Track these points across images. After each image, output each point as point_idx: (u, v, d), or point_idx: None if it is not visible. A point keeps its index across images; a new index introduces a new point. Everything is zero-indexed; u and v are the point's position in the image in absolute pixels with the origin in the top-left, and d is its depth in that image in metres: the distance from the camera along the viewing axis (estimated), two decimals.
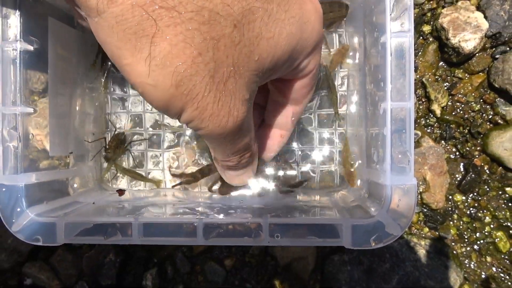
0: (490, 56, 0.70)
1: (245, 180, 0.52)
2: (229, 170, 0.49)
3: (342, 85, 0.65)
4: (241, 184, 0.54)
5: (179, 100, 0.32)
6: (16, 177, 0.48)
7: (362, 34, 0.60)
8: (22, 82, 0.48)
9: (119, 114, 0.67)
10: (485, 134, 0.70)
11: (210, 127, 0.35)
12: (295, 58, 0.39)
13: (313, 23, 0.39)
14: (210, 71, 0.31)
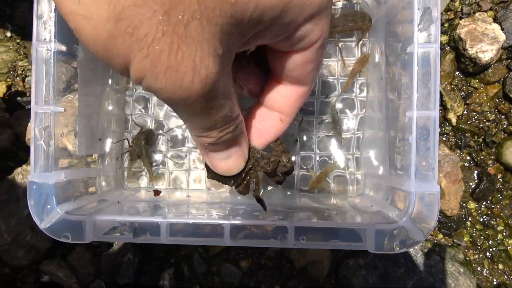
0: (505, 67, 0.71)
1: (233, 167, 0.41)
2: (211, 152, 0.39)
3: (361, 92, 0.67)
4: (229, 172, 0.42)
5: (121, 43, 0.25)
6: (47, 175, 0.48)
7: (384, 44, 0.61)
8: (55, 82, 0.49)
9: (143, 115, 0.68)
10: (499, 144, 0.71)
11: (168, 88, 0.27)
12: (292, 18, 0.31)
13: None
14: (164, 4, 0.24)
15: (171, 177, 0.67)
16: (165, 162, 0.67)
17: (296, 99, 0.41)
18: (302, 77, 0.39)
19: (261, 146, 0.44)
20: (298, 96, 0.41)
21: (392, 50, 0.58)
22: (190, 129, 0.37)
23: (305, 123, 0.67)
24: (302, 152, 0.67)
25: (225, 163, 0.41)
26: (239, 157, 0.41)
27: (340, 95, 0.66)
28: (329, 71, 0.68)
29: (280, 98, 0.42)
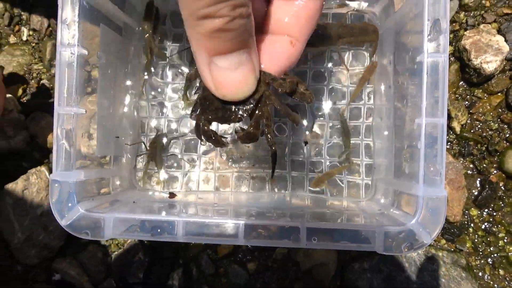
0: (509, 78, 0.73)
1: (243, 83, 0.35)
2: (216, 57, 0.32)
3: (369, 99, 0.69)
4: (238, 91, 0.35)
5: None
6: (69, 174, 0.50)
7: (392, 53, 0.63)
8: (77, 84, 0.51)
9: (158, 118, 0.70)
10: (501, 152, 0.73)
11: None
12: None
13: None
14: None
15: (184, 179, 0.69)
16: (179, 165, 0.69)
17: (307, 18, 0.37)
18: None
19: (273, 73, 0.39)
20: (309, 15, 0.37)
21: (400, 59, 0.61)
22: (194, 11, 0.30)
23: (316, 127, 0.69)
24: (311, 157, 0.68)
25: (233, 76, 0.34)
26: (250, 69, 0.34)
27: (349, 103, 0.68)
28: (338, 79, 0.70)
29: (288, 18, 0.37)
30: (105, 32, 0.58)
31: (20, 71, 0.79)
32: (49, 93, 0.78)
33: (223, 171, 0.68)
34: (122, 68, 0.66)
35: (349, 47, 0.69)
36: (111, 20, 0.61)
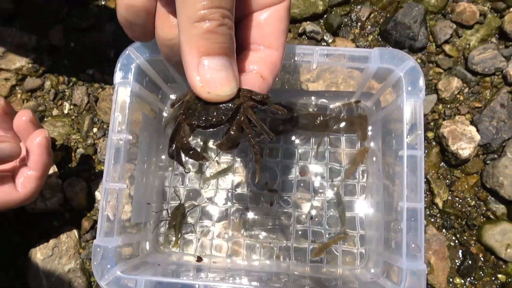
0: (482, 162, 0.85)
1: (227, 80, 0.39)
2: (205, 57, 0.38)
3: (362, 178, 0.80)
4: (223, 87, 0.39)
5: None
6: (110, 240, 0.60)
7: (381, 140, 0.75)
8: (122, 164, 0.62)
9: (179, 188, 0.81)
10: (479, 226, 0.83)
11: None
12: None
13: None
14: None
15: (198, 244, 0.78)
16: (195, 231, 0.79)
17: (271, 63, 0.45)
18: (274, 38, 0.44)
19: (262, 91, 0.45)
20: (271, 62, 0.45)
21: (386, 146, 0.73)
22: (193, 14, 0.36)
23: (316, 201, 0.79)
24: (312, 226, 0.78)
25: (219, 75, 0.39)
26: (233, 73, 0.40)
27: (344, 180, 0.80)
28: (336, 159, 0.82)
29: (255, 64, 0.45)
30: (145, 119, 0.71)
31: (60, 140, 0.91)
32: (84, 161, 0.90)
33: (235, 239, 0.78)
34: (155, 145, 0.78)
35: (342, 133, 0.82)
36: (150, 107, 0.74)
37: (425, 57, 0.92)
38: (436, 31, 0.91)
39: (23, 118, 0.67)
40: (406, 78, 0.62)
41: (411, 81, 0.62)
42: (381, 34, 0.93)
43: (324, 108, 0.84)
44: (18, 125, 0.67)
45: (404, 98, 0.61)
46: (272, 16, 0.43)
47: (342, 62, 0.64)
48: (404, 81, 0.62)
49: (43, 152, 0.65)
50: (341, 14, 0.95)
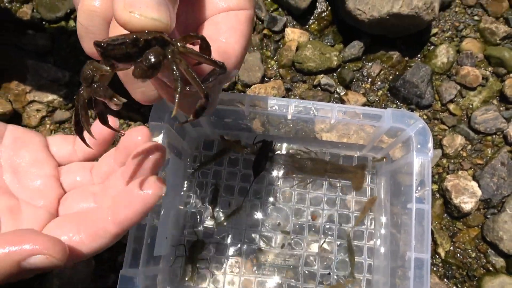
0: (483, 216, 0.90)
1: (155, 9, 0.33)
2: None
3: (371, 225, 0.85)
4: (149, 14, 0.32)
5: None
6: (135, 271, 0.64)
7: (390, 190, 0.81)
8: None
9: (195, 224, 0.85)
10: (479, 278, 0.87)
11: None
12: None
13: None
14: None
15: (211, 278, 0.82)
16: (209, 265, 0.83)
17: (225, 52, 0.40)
18: (230, 33, 0.40)
19: (230, 69, 0.40)
20: (226, 52, 0.40)
21: (395, 197, 0.78)
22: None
23: (326, 244, 0.84)
24: (321, 269, 0.82)
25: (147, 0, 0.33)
26: (165, 5, 0.34)
27: (354, 227, 0.84)
28: (345, 205, 0.87)
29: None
30: (173, 159, 0.76)
31: None
32: None
33: (247, 276, 0.82)
34: (179, 183, 0.83)
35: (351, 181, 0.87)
36: (177, 148, 0.80)
37: (431, 114, 0.99)
38: (441, 91, 0.99)
39: (139, 138, 0.46)
40: (416, 137, 0.68)
41: (421, 140, 0.68)
42: (390, 90, 1.01)
43: (337, 156, 0.90)
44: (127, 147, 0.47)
45: (414, 156, 0.67)
46: (230, 16, 0.40)
47: (358, 120, 0.70)
48: (414, 140, 0.68)
49: (143, 212, 0.43)
50: (353, 69, 1.03)
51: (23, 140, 0.51)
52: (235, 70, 0.42)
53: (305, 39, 1.05)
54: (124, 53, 0.33)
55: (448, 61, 1.00)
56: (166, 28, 0.33)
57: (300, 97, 1.01)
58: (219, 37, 0.40)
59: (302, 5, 1.03)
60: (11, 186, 0.49)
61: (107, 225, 0.42)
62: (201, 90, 0.35)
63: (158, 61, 0.32)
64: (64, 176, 0.53)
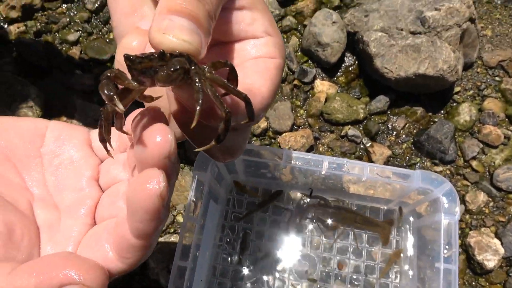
0: (505, 273, 0.92)
1: (187, 33, 0.34)
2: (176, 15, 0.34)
3: (396, 278, 0.87)
4: (181, 36, 0.34)
5: None
6: None
7: (416, 244, 0.84)
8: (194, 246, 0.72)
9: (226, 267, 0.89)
10: None
11: None
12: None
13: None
14: None
15: None
16: None
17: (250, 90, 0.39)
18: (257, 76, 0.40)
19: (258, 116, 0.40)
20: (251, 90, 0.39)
21: (421, 252, 0.81)
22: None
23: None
24: None
25: (182, 25, 0.34)
26: (198, 35, 0.35)
27: (379, 278, 0.87)
28: (371, 256, 0.90)
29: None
30: (212, 205, 0.81)
31: None
32: None
33: None
34: (215, 228, 0.88)
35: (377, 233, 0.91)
36: (213, 193, 0.85)
37: (454, 169, 1.03)
38: (464, 148, 1.03)
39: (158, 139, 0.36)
40: (444, 199, 0.72)
41: (448, 202, 0.72)
42: (415, 144, 1.05)
43: (363, 208, 0.93)
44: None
45: (442, 217, 0.70)
46: (258, 62, 0.41)
47: (388, 179, 0.74)
48: (442, 201, 0.72)
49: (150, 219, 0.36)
50: (379, 122, 1.08)
51: (65, 137, 0.48)
52: (260, 112, 0.40)
53: (334, 91, 1.11)
54: (151, 66, 0.33)
55: (471, 119, 1.05)
56: (196, 52, 0.34)
57: (327, 146, 1.06)
58: (246, 79, 0.40)
59: (332, 60, 1.10)
60: (53, 191, 0.47)
61: (131, 240, 0.37)
62: (223, 109, 0.33)
63: (182, 67, 0.32)
64: (101, 175, 0.48)
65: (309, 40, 1.11)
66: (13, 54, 1.14)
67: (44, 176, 0.47)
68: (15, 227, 0.40)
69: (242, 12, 0.43)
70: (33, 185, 0.46)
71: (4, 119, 0.46)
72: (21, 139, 0.46)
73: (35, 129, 0.47)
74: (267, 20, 0.44)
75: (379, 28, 1.05)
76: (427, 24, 1.02)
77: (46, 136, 0.47)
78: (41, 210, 0.45)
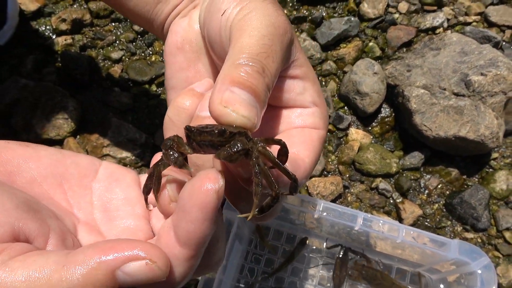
0: None
1: (248, 110, 0.36)
2: (236, 87, 0.36)
3: None
4: (240, 111, 0.36)
5: None
6: None
7: None
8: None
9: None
10: None
11: None
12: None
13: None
14: None
15: None
16: None
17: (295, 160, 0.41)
18: (303, 147, 0.42)
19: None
20: (297, 160, 0.41)
21: None
22: (235, 57, 0.37)
23: None
24: None
25: (243, 99, 0.36)
26: (255, 109, 0.37)
27: None
28: None
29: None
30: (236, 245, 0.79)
31: None
32: None
33: None
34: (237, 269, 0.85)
35: None
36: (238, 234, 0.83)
37: (485, 238, 0.99)
38: (498, 217, 0.99)
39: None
40: (481, 274, 0.69)
41: (485, 277, 0.69)
42: (446, 206, 1.02)
43: (389, 268, 0.90)
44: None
45: None
46: (304, 132, 0.43)
47: (423, 246, 0.71)
48: (479, 276, 0.68)
49: (203, 219, 0.35)
50: (411, 179, 1.06)
51: (116, 177, 0.49)
52: (303, 182, 0.42)
53: (368, 141, 1.09)
54: (209, 140, 0.35)
55: (508, 189, 1.02)
56: (252, 127, 0.36)
57: (356, 197, 1.04)
58: (291, 148, 0.40)
59: (369, 110, 1.09)
60: (101, 224, 0.47)
61: (174, 249, 0.36)
62: (273, 189, 0.35)
63: (244, 148, 0.33)
64: (154, 219, 0.48)
65: (348, 87, 1.11)
66: (56, 65, 1.17)
67: (92, 207, 0.47)
68: (67, 236, 0.40)
69: (295, 81, 0.45)
70: (79, 212, 0.46)
71: (64, 150, 0.48)
72: (76, 169, 0.47)
73: (90, 164, 0.48)
74: (316, 91, 0.46)
75: (421, 85, 1.05)
76: (472, 88, 1.01)
77: (99, 172, 0.48)
78: (85, 233, 0.45)
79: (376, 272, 0.86)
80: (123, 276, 0.32)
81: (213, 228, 0.36)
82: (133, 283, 0.32)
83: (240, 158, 0.34)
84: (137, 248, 0.33)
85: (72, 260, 0.32)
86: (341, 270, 0.88)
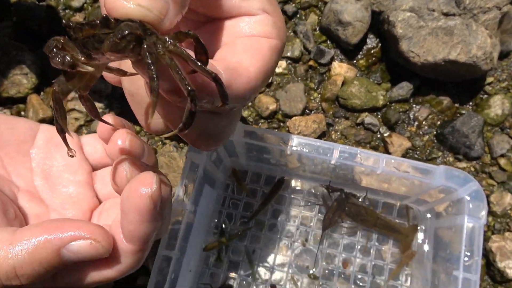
0: None
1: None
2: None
3: (406, 281, 0.80)
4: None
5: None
6: None
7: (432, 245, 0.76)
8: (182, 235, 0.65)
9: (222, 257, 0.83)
10: None
11: None
12: None
13: None
14: None
15: None
16: None
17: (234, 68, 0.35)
18: (248, 56, 0.36)
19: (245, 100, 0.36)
20: (235, 69, 0.35)
21: (437, 256, 0.73)
22: None
23: None
24: None
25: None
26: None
27: (388, 281, 0.79)
28: (380, 255, 0.82)
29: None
30: (207, 189, 0.74)
31: None
32: None
33: None
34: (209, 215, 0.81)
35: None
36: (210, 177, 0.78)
37: (479, 166, 0.93)
38: (492, 144, 0.93)
39: (118, 143, 0.40)
40: (470, 200, 0.64)
41: (474, 204, 0.64)
42: (437, 137, 0.96)
43: (375, 203, 0.85)
44: (112, 154, 0.40)
45: (465, 221, 0.62)
46: (251, 40, 0.37)
47: (406, 174, 0.66)
48: (467, 203, 0.63)
49: (141, 221, 0.36)
50: (400, 111, 0.99)
51: (56, 141, 0.47)
52: (245, 94, 0.35)
53: (352, 75, 1.02)
54: (94, 34, 0.28)
55: (503, 114, 0.95)
56: (156, 20, 0.29)
57: (341, 134, 0.98)
58: (233, 57, 0.35)
59: (352, 40, 1.00)
60: (42, 192, 0.47)
61: (121, 244, 0.37)
62: (184, 88, 0.28)
63: (131, 33, 0.27)
64: (99, 184, 0.49)
65: (329, 18, 1.02)
66: (13, 19, 1.08)
67: (32, 175, 0.46)
68: (8, 207, 0.40)
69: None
70: (18, 179, 0.46)
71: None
72: (12, 135, 0.46)
73: (28, 129, 0.47)
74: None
75: (408, 7, 0.95)
76: (463, 5, 0.91)
77: (37, 137, 0.47)
78: (26, 202, 0.44)
79: (360, 208, 0.81)
80: (68, 254, 0.34)
81: (155, 226, 0.36)
82: (78, 260, 0.35)
83: (129, 47, 0.27)
84: (81, 229, 0.35)
85: (18, 238, 0.34)
86: (334, 214, 0.83)
